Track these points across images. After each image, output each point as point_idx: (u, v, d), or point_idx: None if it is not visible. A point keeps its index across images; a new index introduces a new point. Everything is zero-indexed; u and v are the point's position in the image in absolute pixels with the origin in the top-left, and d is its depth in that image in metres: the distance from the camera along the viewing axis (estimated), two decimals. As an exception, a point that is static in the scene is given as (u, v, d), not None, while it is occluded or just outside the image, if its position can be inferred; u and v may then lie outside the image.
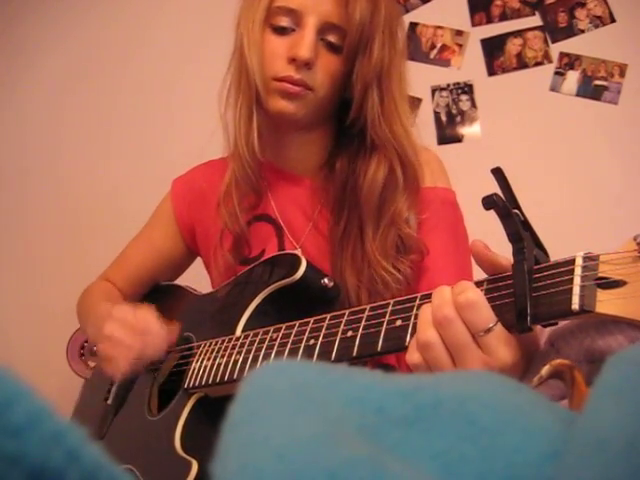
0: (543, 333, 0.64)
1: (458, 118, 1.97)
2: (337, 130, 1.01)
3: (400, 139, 0.92)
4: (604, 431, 0.28)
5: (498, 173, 0.61)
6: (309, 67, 0.89)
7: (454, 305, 0.58)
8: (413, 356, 0.60)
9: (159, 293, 1.19)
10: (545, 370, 0.48)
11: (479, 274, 0.64)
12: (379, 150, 0.92)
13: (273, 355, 0.78)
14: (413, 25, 2.02)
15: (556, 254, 0.60)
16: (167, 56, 2.06)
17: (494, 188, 0.61)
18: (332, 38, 0.91)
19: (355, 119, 0.93)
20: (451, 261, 0.94)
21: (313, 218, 1.00)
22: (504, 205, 0.58)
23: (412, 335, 0.62)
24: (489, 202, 0.57)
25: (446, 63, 1.99)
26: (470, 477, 0.28)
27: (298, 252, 0.97)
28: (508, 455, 0.29)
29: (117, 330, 0.91)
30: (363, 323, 0.68)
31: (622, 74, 1.87)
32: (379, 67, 0.90)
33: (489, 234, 0.62)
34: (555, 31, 1.93)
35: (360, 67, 0.90)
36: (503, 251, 0.61)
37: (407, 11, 2.03)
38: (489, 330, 0.56)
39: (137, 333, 0.91)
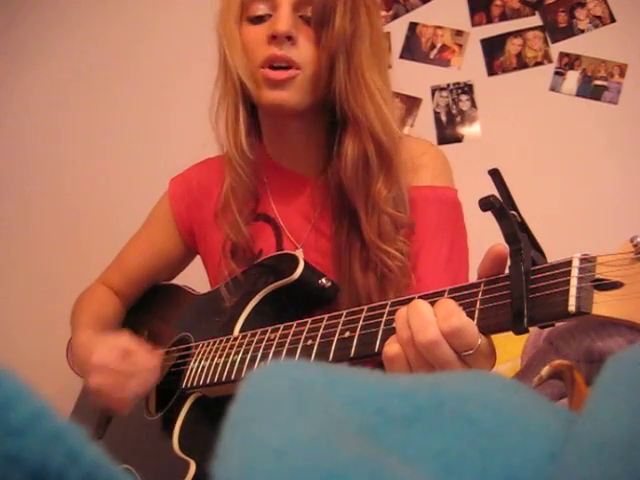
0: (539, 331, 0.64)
1: (458, 118, 1.97)
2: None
3: (369, 115, 0.88)
4: (604, 431, 0.28)
5: (495, 174, 0.61)
6: (292, 42, 0.88)
7: (440, 330, 0.58)
8: (392, 348, 0.62)
9: (157, 293, 1.19)
10: (545, 370, 0.48)
11: (476, 275, 0.64)
12: (350, 128, 0.90)
13: (271, 355, 0.78)
14: (413, 25, 2.02)
15: (554, 254, 0.60)
16: (166, 56, 2.06)
17: (494, 188, 0.61)
18: (309, 12, 0.90)
19: (327, 95, 0.91)
20: (444, 263, 0.93)
21: (314, 218, 0.99)
22: (501, 207, 0.58)
23: None
24: (486, 204, 0.57)
25: (446, 63, 1.99)
26: (470, 477, 0.28)
27: (297, 252, 0.97)
28: (508, 455, 0.29)
29: (103, 382, 0.89)
30: (361, 324, 0.68)
31: (622, 74, 1.86)
32: (342, 38, 0.88)
33: (487, 235, 0.63)
34: (555, 31, 1.93)
35: (325, 38, 0.88)
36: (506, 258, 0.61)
37: (407, 11, 2.03)
38: (474, 350, 0.58)
39: (125, 377, 0.88)
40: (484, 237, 0.62)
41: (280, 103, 0.90)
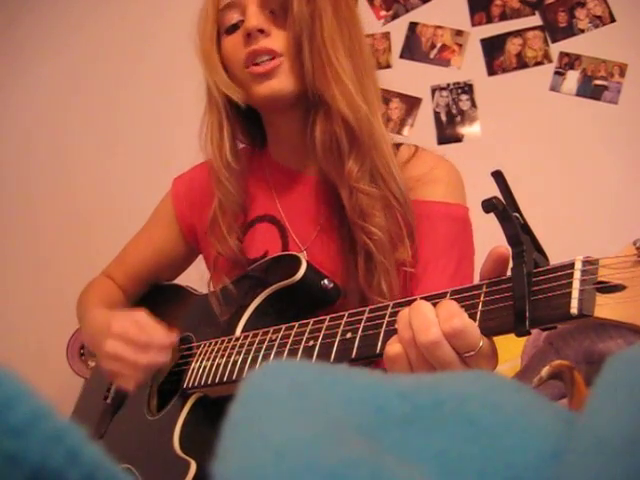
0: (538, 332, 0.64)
1: (458, 118, 1.97)
2: None
3: (334, 95, 0.88)
4: (604, 431, 0.28)
5: (498, 176, 0.61)
6: (265, 34, 0.91)
7: (441, 331, 0.58)
8: (393, 348, 0.62)
9: (159, 293, 1.19)
10: (545, 371, 0.48)
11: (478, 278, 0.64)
12: (320, 111, 0.91)
13: (272, 356, 0.77)
14: (413, 25, 2.02)
15: (553, 253, 0.60)
16: (168, 56, 2.06)
17: (494, 188, 0.61)
18: (277, 6, 0.92)
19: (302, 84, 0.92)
20: (448, 280, 0.91)
21: (321, 220, 0.99)
22: (504, 208, 0.57)
23: None
24: (489, 205, 0.57)
25: (446, 63, 1.99)
26: (470, 477, 0.28)
27: (301, 254, 0.96)
28: (508, 455, 0.29)
29: (120, 347, 0.89)
30: (362, 325, 0.68)
31: (622, 74, 1.86)
32: (302, 21, 0.89)
33: (489, 236, 0.63)
34: (555, 31, 1.93)
35: (289, 26, 0.91)
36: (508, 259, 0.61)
37: (407, 11, 2.03)
38: (475, 351, 0.58)
39: (140, 348, 0.89)
40: (484, 240, 0.62)
41: (272, 93, 0.92)
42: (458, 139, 1.97)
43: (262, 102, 0.95)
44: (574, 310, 0.52)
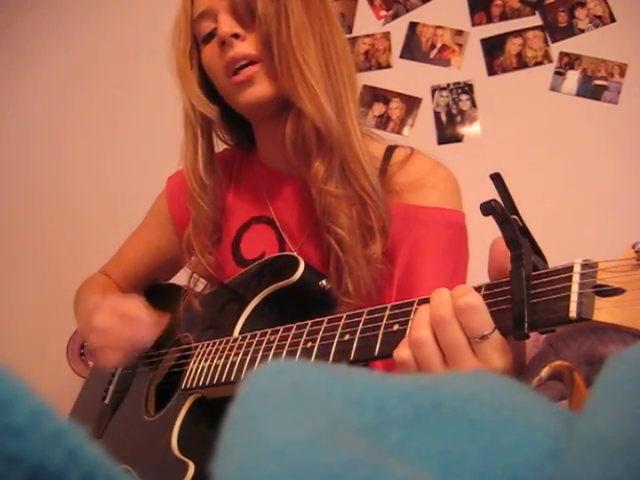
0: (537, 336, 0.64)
1: (458, 118, 1.97)
2: None
3: (301, 95, 0.88)
4: (604, 431, 0.28)
5: (497, 179, 0.61)
6: (241, 39, 0.90)
7: (453, 307, 0.57)
8: (402, 352, 0.60)
9: (158, 293, 1.19)
10: (545, 371, 0.48)
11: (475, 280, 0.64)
12: (290, 111, 0.90)
13: (270, 357, 0.77)
14: (413, 25, 2.02)
15: (552, 253, 0.60)
16: (167, 56, 2.06)
17: (494, 189, 0.61)
18: (245, 9, 0.91)
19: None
20: (444, 285, 0.92)
21: (311, 221, 0.98)
22: (502, 211, 0.57)
23: None
24: (487, 208, 0.57)
25: (446, 63, 1.99)
26: (470, 477, 0.28)
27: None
28: (508, 455, 0.29)
29: (106, 320, 0.92)
30: (360, 327, 0.68)
31: (622, 74, 1.86)
32: (267, 21, 0.88)
33: (488, 237, 0.62)
34: (555, 31, 1.93)
35: (256, 26, 0.90)
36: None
37: (407, 11, 2.03)
38: (485, 337, 0.56)
39: (126, 321, 0.92)
40: (482, 241, 0.62)
41: (254, 100, 0.92)
42: (458, 139, 1.97)
43: (248, 109, 0.95)
44: (573, 314, 0.51)
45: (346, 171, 0.91)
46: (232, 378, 0.82)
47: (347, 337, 0.69)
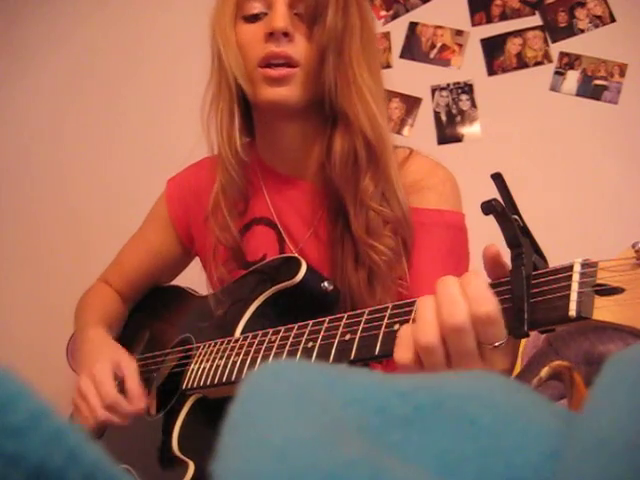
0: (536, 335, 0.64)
1: (458, 118, 1.97)
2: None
3: (357, 111, 0.88)
4: (604, 431, 0.28)
5: (498, 178, 0.61)
6: (289, 39, 0.89)
7: (470, 315, 0.55)
8: (406, 355, 0.58)
9: (159, 295, 1.19)
10: (544, 372, 0.48)
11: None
12: (339, 125, 0.90)
13: (271, 357, 0.77)
14: (413, 25, 2.02)
15: (552, 252, 0.60)
16: (167, 56, 2.06)
17: (494, 188, 0.61)
18: (303, 9, 0.90)
19: (321, 93, 0.91)
20: None
21: (314, 224, 0.98)
22: (503, 211, 0.57)
23: None
24: (488, 208, 0.57)
25: (446, 63, 1.99)
26: (470, 477, 0.28)
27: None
28: (508, 455, 0.29)
29: (90, 391, 0.90)
30: (361, 326, 0.68)
31: (622, 74, 1.86)
32: (332, 34, 0.88)
33: (488, 237, 0.62)
34: (555, 31, 1.93)
35: (317, 34, 0.89)
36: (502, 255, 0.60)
37: (407, 11, 2.03)
38: (498, 346, 0.55)
39: (104, 405, 0.89)
40: (483, 241, 0.62)
41: (279, 100, 0.90)
42: (458, 139, 1.97)
43: (266, 105, 0.93)
44: (572, 313, 0.52)
45: (386, 195, 0.91)
46: (233, 378, 0.82)
47: (348, 337, 0.69)
